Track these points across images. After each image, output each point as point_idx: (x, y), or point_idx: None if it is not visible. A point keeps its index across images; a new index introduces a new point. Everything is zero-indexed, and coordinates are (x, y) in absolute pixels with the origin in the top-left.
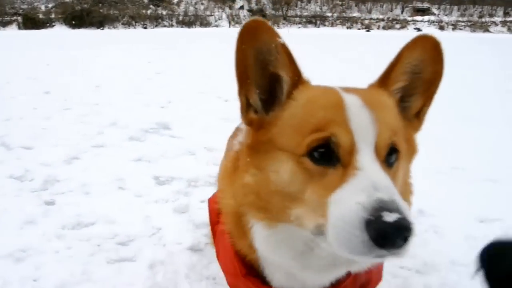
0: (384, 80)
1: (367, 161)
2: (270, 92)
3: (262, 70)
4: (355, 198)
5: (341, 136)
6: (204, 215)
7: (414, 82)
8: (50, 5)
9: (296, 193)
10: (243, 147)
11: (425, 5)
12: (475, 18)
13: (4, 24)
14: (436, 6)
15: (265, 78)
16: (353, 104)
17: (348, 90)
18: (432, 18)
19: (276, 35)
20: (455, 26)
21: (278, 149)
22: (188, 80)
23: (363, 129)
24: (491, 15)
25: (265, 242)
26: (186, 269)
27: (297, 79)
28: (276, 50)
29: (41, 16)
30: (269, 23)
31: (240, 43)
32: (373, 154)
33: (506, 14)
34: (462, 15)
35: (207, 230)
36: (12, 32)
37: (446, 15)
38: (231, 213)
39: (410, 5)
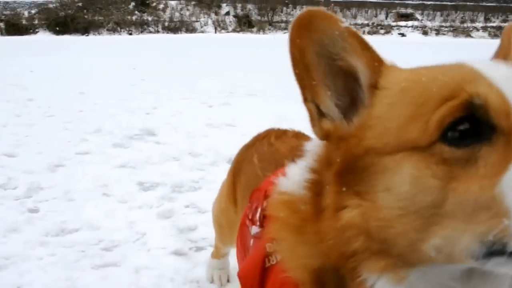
0: (504, 51)
1: None
2: (347, 93)
3: (329, 66)
4: None
5: (487, 93)
6: (188, 219)
7: None
8: (33, 11)
9: (431, 209)
10: (323, 177)
11: (409, 10)
12: (457, 23)
13: None
14: (420, 11)
15: (336, 76)
16: (481, 62)
17: None
18: (416, 23)
19: (338, 20)
20: (438, 31)
21: (385, 155)
22: (173, 86)
23: (509, 81)
24: (472, 21)
25: None
26: (170, 273)
27: (378, 65)
28: (341, 38)
29: (24, 22)
30: (326, 10)
31: (294, 37)
32: None
33: (487, 19)
34: (445, 21)
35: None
36: None
37: (430, 20)
38: (311, 278)
39: (394, 11)
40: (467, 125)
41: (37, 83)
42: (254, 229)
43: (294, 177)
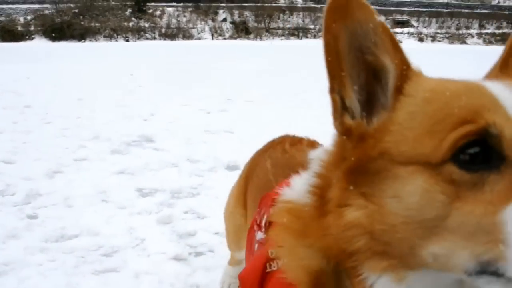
0: (506, 68)
1: None
2: (367, 91)
3: (357, 59)
4: None
5: (502, 124)
6: (187, 225)
7: None
8: (29, 17)
9: (434, 221)
10: (332, 172)
11: (405, 17)
12: (453, 30)
13: None
14: (415, 18)
15: (362, 70)
16: (498, 87)
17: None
18: (412, 30)
19: (374, 12)
20: (434, 38)
21: (398, 164)
22: (170, 92)
23: None
24: (467, 28)
25: None
26: (170, 278)
27: (406, 69)
28: (374, 32)
29: (19, 28)
30: None
31: (330, 22)
32: None
33: (481, 26)
34: (441, 27)
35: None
36: None
37: (425, 27)
38: (310, 280)
39: (390, 17)
40: (478, 151)
41: (34, 89)
42: (259, 235)
43: (297, 187)
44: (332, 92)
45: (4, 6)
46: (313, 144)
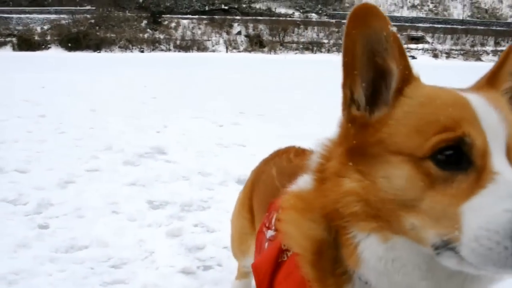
0: (492, 80)
1: (502, 164)
2: (373, 87)
3: (368, 60)
4: (501, 205)
5: (476, 137)
6: (196, 238)
7: None
8: (45, 27)
9: (413, 201)
10: (336, 150)
11: (420, 33)
12: (468, 47)
13: None
14: (430, 34)
15: (371, 70)
16: (479, 102)
17: (458, 89)
18: (426, 46)
19: (388, 22)
20: (448, 55)
21: (390, 151)
22: (183, 104)
23: (494, 129)
24: (482, 44)
25: (381, 261)
26: None
27: (408, 74)
28: (386, 40)
29: (36, 37)
30: (381, 8)
31: (350, 29)
32: (505, 156)
33: (496, 43)
34: (455, 44)
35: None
36: (7, 54)
37: (440, 43)
38: (312, 247)
39: (405, 33)
40: (453, 154)
41: (49, 99)
42: (270, 233)
43: (302, 182)
44: (344, 87)
45: (22, 15)
46: None
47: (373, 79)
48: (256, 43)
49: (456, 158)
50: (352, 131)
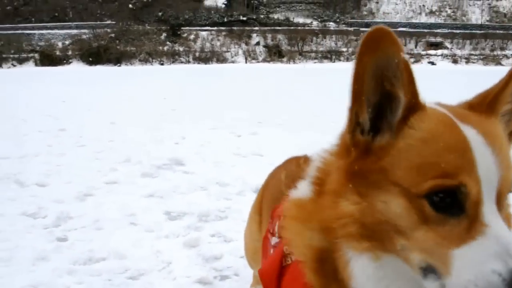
0: (493, 104)
1: (493, 215)
2: (378, 111)
3: (377, 86)
4: (490, 264)
5: (472, 186)
6: (214, 249)
7: None
8: (67, 42)
9: (406, 229)
10: (336, 169)
11: (438, 39)
12: (487, 51)
13: (21, 61)
14: (449, 40)
15: (378, 95)
16: (477, 143)
17: (458, 114)
18: (446, 52)
19: (402, 49)
20: (468, 60)
21: (390, 181)
22: (202, 115)
23: (489, 175)
24: (502, 49)
25: (370, 279)
26: None
27: (415, 102)
28: (397, 67)
29: (58, 53)
30: (394, 33)
31: (362, 56)
32: (495, 204)
33: None
34: (475, 49)
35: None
36: (29, 69)
37: (459, 49)
38: (314, 256)
39: (423, 39)
40: (448, 199)
41: (69, 113)
42: (274, 240)
43: (302, 188)
44: (351, 111)
45: (44, 31)
46: None
47: (379, 104)
48: (275, 53)
49: (450, 204)
50: (354, 155)
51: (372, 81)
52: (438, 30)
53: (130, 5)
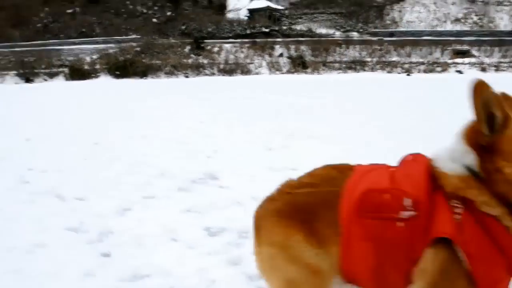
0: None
1: None
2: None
3: (485, 111)
4: None
5: None
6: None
7: None
8: (94, 57)
9: None
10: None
11: (465, 47)
12: None
13: (52, 75)
14: (476, 48)
15: (486, 115)
16: None
17: None
18: (473, 60)
19: (492, 90)
20: (497, 68)
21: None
22: (231, 128)
23: None
24: None
25: None
26: None
27: (506, 120)
28: (492, 98)
29: (86, 67)
30: (486, 81)
31: (476, 97)
32: None
33: None
34: (504, 56)
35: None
36: (60, 83)
37: (487, 56)
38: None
39: (449, 48)
40: None
41: (101, 126)
42: (405, 214)
43: (449, 163)
44: (476, 124)
45: (72, 47)
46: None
47: (488, 120)
48: (298, 64)
49: None
50: (491, 154)
51: (482, 110)
52: (465, 38)
53: (154, 19)
